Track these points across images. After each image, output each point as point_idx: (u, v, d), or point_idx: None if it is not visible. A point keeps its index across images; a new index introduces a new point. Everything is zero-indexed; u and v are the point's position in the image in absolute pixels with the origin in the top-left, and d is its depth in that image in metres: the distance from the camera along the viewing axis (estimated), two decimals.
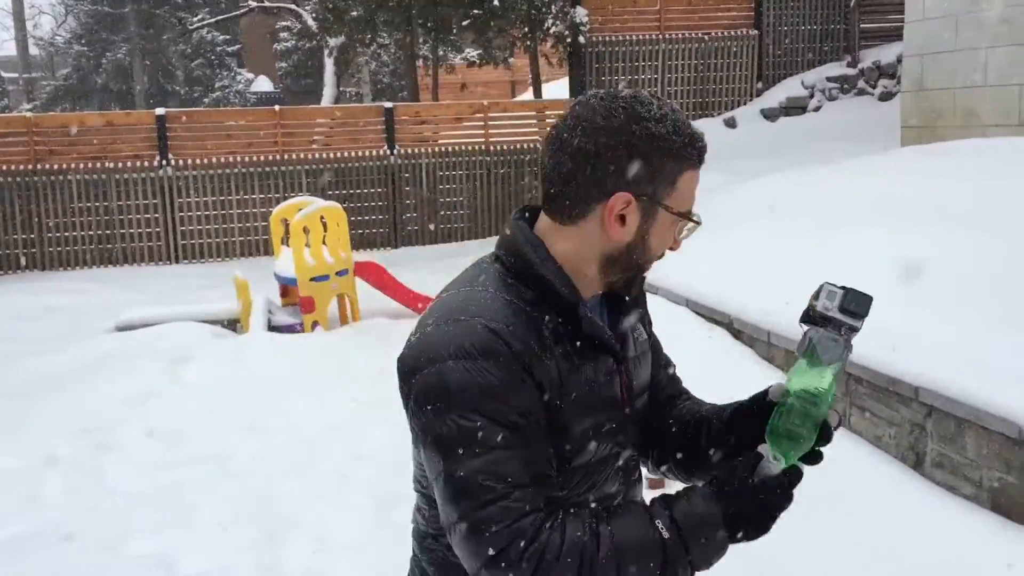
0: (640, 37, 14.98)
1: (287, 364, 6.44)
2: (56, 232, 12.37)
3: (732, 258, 5.86)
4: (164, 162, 12.56)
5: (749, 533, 1.27)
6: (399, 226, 13.25)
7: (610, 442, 1.40)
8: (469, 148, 13.35)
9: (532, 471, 1.25)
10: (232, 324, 7.83)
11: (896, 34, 12.24)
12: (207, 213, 12.73)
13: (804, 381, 1.31)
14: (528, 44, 15.36)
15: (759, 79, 15.20)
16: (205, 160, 12.69)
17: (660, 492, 1.36)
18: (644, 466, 1.58)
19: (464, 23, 14.98)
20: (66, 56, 32.71)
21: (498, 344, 1.25)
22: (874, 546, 3.54)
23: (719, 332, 5.67)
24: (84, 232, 12.46)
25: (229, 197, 12.77)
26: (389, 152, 13.13)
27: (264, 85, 33.35)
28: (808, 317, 1.34)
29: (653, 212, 1.33)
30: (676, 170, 1.32)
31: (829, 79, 14.50)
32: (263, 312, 7.57)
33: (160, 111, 12.90)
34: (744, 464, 1.31)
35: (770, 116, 14.26)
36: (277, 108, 13.63)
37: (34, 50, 34.80)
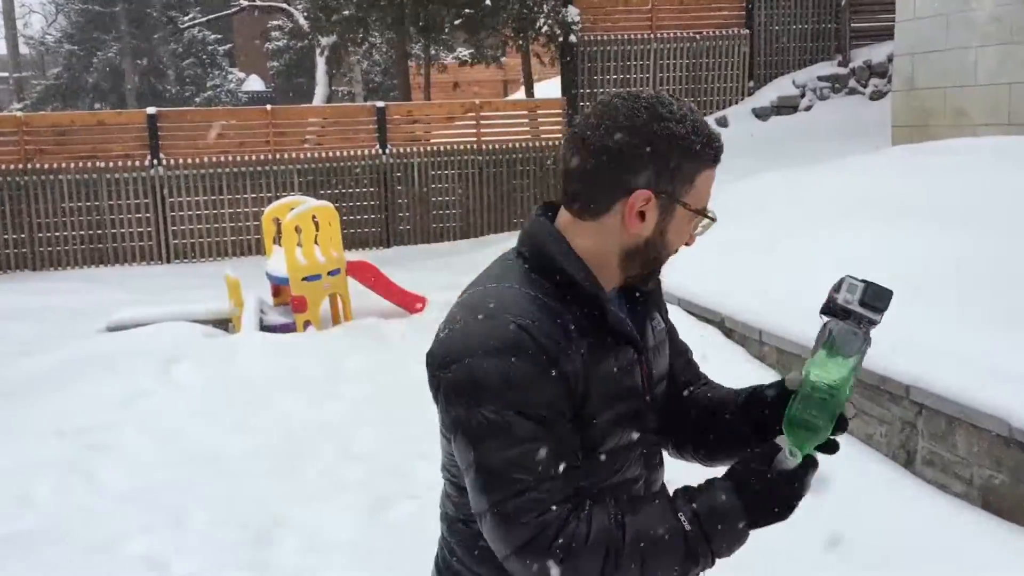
0: (632, 36, 14.99)
1: (279, 364, 6.43)
2: (47, 232, 12.32)
3: (724, 257, 5.86)
4: (155, 161, 12.53)
5: (769, 522, 1.32)
6: (391, 225, 13.24)
7: (632, 429, 1.44)
8: (461, 147, 13.34)
9: (560, 463, 1.29)
10: (224, 324, 7.81)
11: (887, 33, 12.29)
12: (199, 213, 12.71)
13: (823, 372, 1.33)
14: (520, 43, 15.36)
15: (750, 78, 15.23)
16: (196, 159, 12.67)
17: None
18: (665, 450, 1.62)
19: (456, 22, 14.97)
20: (57, 55, 32.58)
21: (526, 340, 1.28)
22: (864, 544, 3.55)
23: (711, 331, 5.68)
24: (75, 232, 12.41)
25: (221, 196, 12.74)
26: (381, 151, 13.11)
27: (256, 84, 33.30)
28: (828, 309, 1.36)
29: (671, 209, 1.37)
30: (694, 169, 1.36)
31: (820, 78, 14.54)
32: (255, 312, 7.55)
33: (151, 110, 12.85)
34: (762, 456, 1.34)
35: (761, 115, 14.30)
36: (269, 107, 13.62)
37: (24, 49, 34.65)
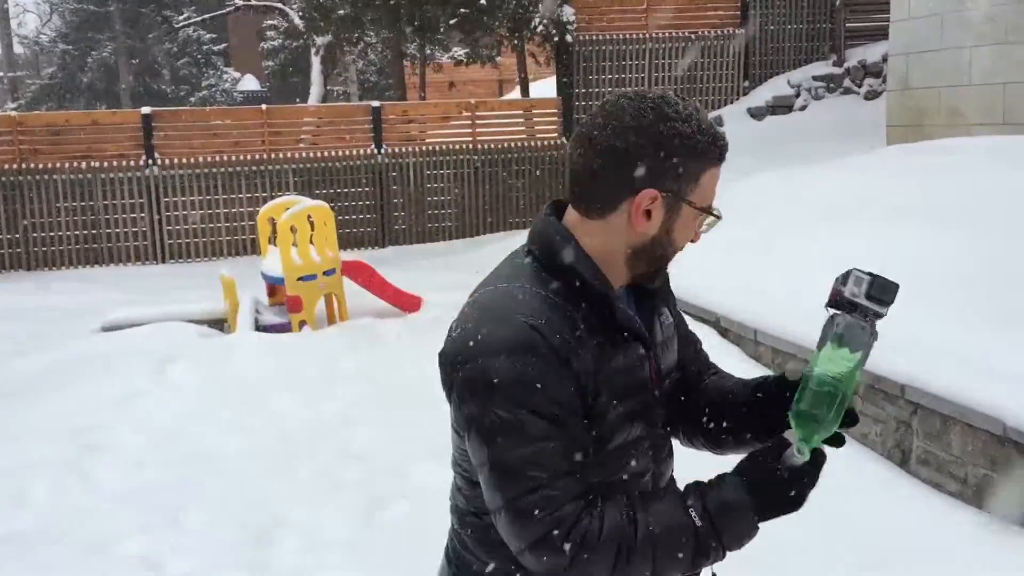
0: (627, 36, 14.99)
1: (274, 364, 6.42)
2: (41, 232, 12.29)
3: (719, 257, 5.87)
4: (150, 161, 12.51)
5: (780, 515, 1.35)
6: (387, 225, 13.23)
7: (641, 423, 1.46)
8: (457, 147, 13.33)
9: (573, 460, 1.32)
10: (219, 324, 7.80)
11: (882, 33, 12.30)
12: (194, 212, 12.69)
13: (830, 366, 1.33)
14: (515, 43, 15.36)
15: (745, 78, 15.24)
16: (191, 159, 12.65)
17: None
18: (675, 438, 1.64)
19: (451, 22, 14.97)
20: (51, 55, 32.53)
21: (538, 340, 1.31)
22: (860, 543, 3.56)
23: (706, 331, 5.69)
24: (69, 232, 12.38)
25: (216, 196, 12.72)
26: (376, 151, 13.10)
27: (251, 84, 33.28)
28: (834, 302, 1.36)
29: (677, 207, 1.39)
30: (700, 168, 1.38)
31: (815, 78, 14.55)
32: (250, 312, 7.54)
33: (146, 110, 12.83)
34: (771, 451, 1.35)
35: (757, 115, 14.31)
36: (264, 107, 13.59)
37: (19, 49, 34.63)
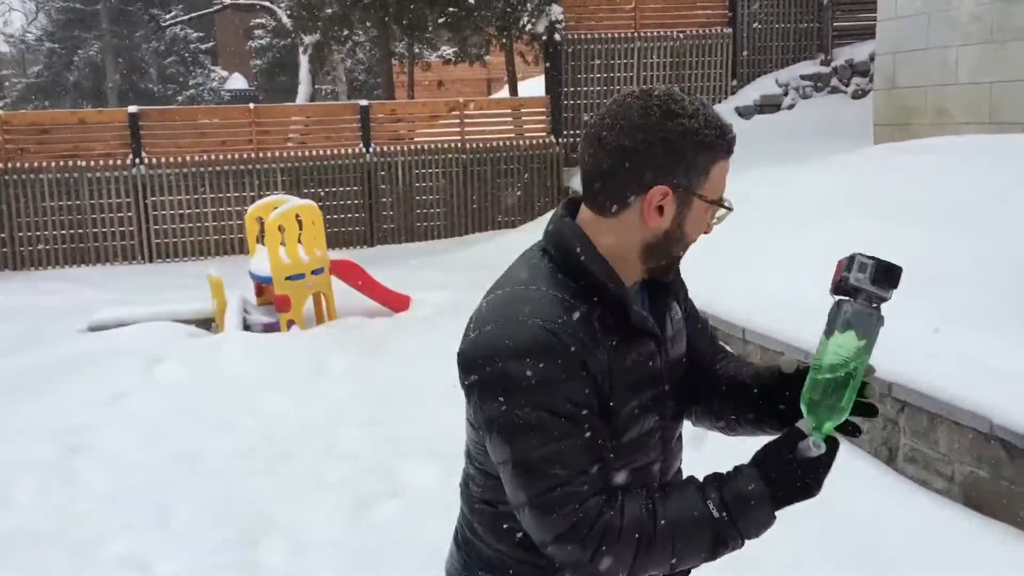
0: (615, 35, 14.99)
1: (262, 363, 6.41)
2: (27, 231, 12.23)
3: (706, 256, 5.87)
4: (137, 160, 12.45)
5: (797, 502, 1.37)
6: (375, 224, 13.21)
7: (653, 416, 1.50)
8: (445, 146, 13.32)
9: (592, 456, 1.35)
10: (207, 323, 7.78)
11: (869, 32, 12.34)
12: (181, 212, 12.64)
13: (838, 352, 1.33)
14: (504, 42, 15.34)
15: (733, 77, 15.25)
16: (179, 158, 12.60)
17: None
18: (688, 419, 1.68)
19: (439, 21, 14.94)
20: (37, 53, 32.34)
21: (555, 342, 1.34)
22: (846, 540, 3.57)
23: None
24: (56, 231, 12.33)
25: (204, 195, 12.68)
26: (365, 150, 13.08)
27: (239, 83, 33.18)
28: (839, 288, 1.36)
29: (689, 201, 1.41)
30: (709, 161, 1.40)
31: (803, 77, 14.57)
32: (238, 311, 7.52)
33: (133, 109, 12.78)
34: (786, 442, 1.37)
35: (744, 114, 14.32)
36: (252, 106, 13.55)
37: (4, 47, 34.42)
